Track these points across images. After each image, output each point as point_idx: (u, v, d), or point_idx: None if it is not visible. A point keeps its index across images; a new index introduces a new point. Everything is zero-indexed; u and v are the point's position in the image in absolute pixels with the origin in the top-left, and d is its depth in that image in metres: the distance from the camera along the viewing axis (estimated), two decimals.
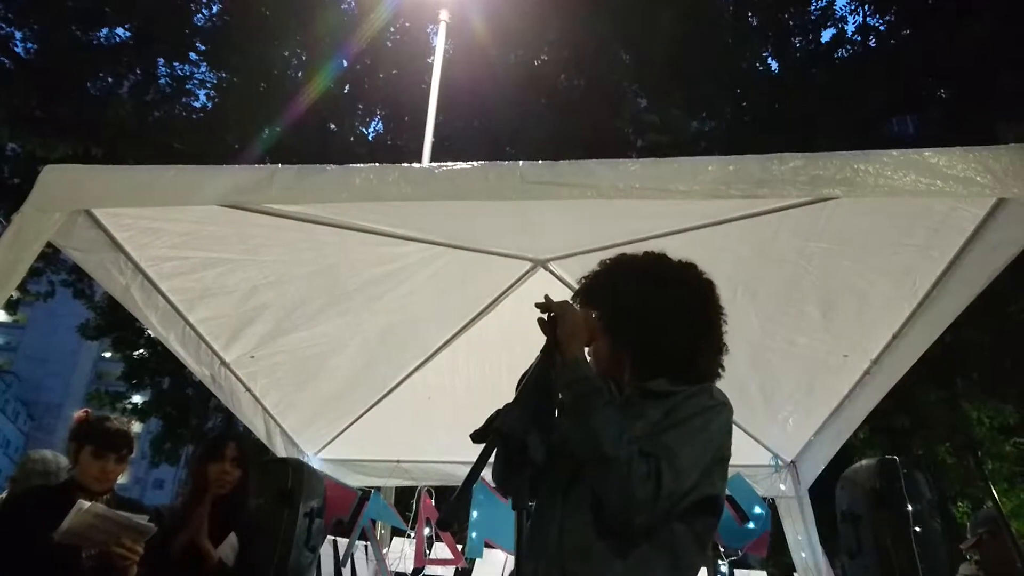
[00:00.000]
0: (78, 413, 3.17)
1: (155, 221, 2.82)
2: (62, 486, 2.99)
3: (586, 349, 1.92)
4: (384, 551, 5.45)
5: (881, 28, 15.98)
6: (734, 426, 4.51)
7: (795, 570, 4.78)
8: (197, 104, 14.81)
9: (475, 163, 2.37)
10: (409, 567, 5.41)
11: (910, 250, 2.86)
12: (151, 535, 2.78)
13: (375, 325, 3.92)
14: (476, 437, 1.43)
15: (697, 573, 1.83)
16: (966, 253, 2.69)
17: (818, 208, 2.73)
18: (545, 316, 1.88)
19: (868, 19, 15.96)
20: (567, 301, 1.94)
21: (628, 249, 3.16)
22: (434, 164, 2.44)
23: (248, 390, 4.12)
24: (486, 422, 1.47)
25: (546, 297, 1.93)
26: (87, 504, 2.67)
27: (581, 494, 1.75)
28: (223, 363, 3.82)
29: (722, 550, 4.85)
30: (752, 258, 3.24)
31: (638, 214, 2.97)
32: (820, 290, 3.30)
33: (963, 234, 2.63)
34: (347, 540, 5.10)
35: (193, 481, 3.31)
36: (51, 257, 13.08)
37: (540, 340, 1.87)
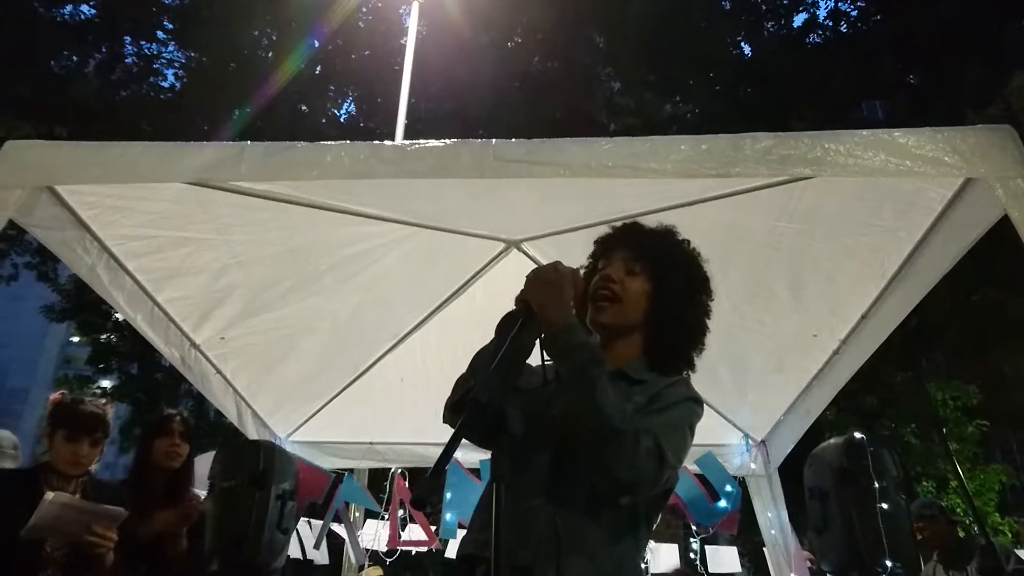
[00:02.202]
0: (54, 395, 3.10)
1: (121, 199, 2.76)
2: (33, 470, 2.93)
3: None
4: (358, 533, 5.45)
5: (852, 13, 16.13)
6: (706, 406, 4.55)
7: (764, 547, 4.84)
8: (165, 84, 14.60)
9: (447, 140, 2.35)
10: (383, 548, 5.42)
11: (878, 230, 2.89)
12: (122, 520, 2.74)
13: (347, 306, 3.89)
14: (453, 407, 1.41)
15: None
16: (933, 234, 2.72)
17: (788, 189, 2.75)
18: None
19: (840, 4, 16.09)
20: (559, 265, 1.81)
21: (602, 229, 3.18)
22: (406, 142, 2.42)
23: (219, 372, 4.08)
24: (463, 392, 1.44)
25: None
26: (51, 495, 2.62)
27: (570, 483, 1.70)
28: (193, 344, 3.77)
29: (693, 527, 4.92)
30: (723, 238, 3.25)
31: (611, 194, 2.97)
32: (790, 270, 3.33)
33: (931, 214, 2.66)
34: (320, 522, 5.09)
35: (140, 457, 3.25)
36: (15, 239, 12.84)
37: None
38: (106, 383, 16.15)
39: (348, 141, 2.43)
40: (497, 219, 3.43)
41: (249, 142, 2.41)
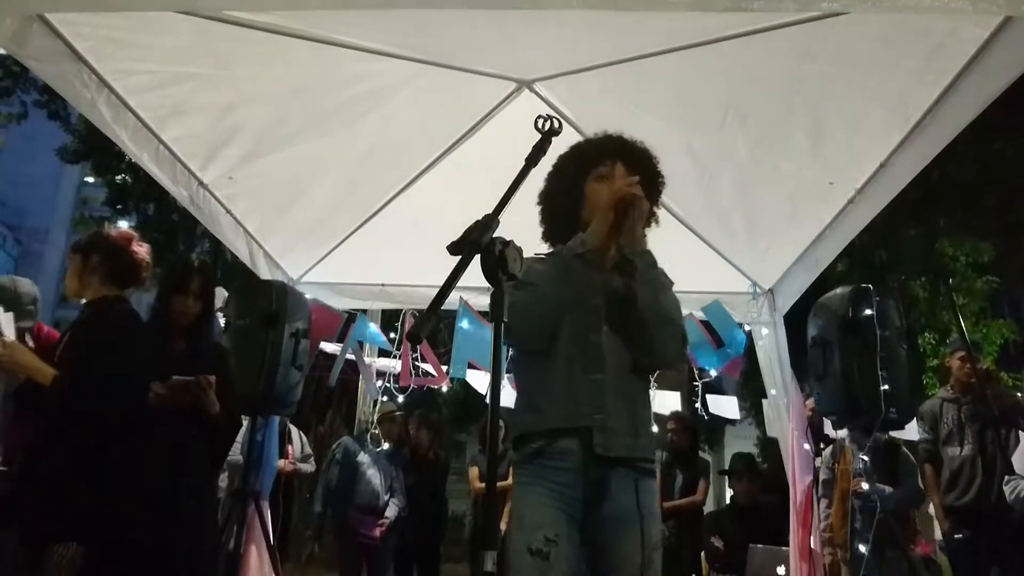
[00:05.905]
0: None
1: (116, 31, 2.66)
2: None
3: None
4: (370, 368, 5.66)
5: None
6: (714, 252, 4.56)
7: (766, 395, 4.97)
8: None
9: None
10: (395, 385, 5.66)
11: (906, 74, 2.75)
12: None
13: (355, 147, 3.82)
14: (453, 249, 1.41)
15: None
16: (963, 78, 2.59)
17: (814, 27, 2.61)
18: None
19: None
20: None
21: (618, 69, 3.06)
22: None
23: (228, 212, 4.07)
24: (464, 233, 1.43)
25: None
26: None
27: (618, 357, 2.02)
28: (201, 184, 3.74)
29: (696, 371, 5.06)
30: (742, 81, 3.12)
31: (627, 31, 2.83)
32: (810, 115, 3.20)
33: (963, 57, 2.52)
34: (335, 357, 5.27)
35: (158, 313, 3.12)
36: (20, 76, 12.57)
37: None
38: (123, 224, 16.25)
39: None
40: (508, 58, 3.29)
41: None
